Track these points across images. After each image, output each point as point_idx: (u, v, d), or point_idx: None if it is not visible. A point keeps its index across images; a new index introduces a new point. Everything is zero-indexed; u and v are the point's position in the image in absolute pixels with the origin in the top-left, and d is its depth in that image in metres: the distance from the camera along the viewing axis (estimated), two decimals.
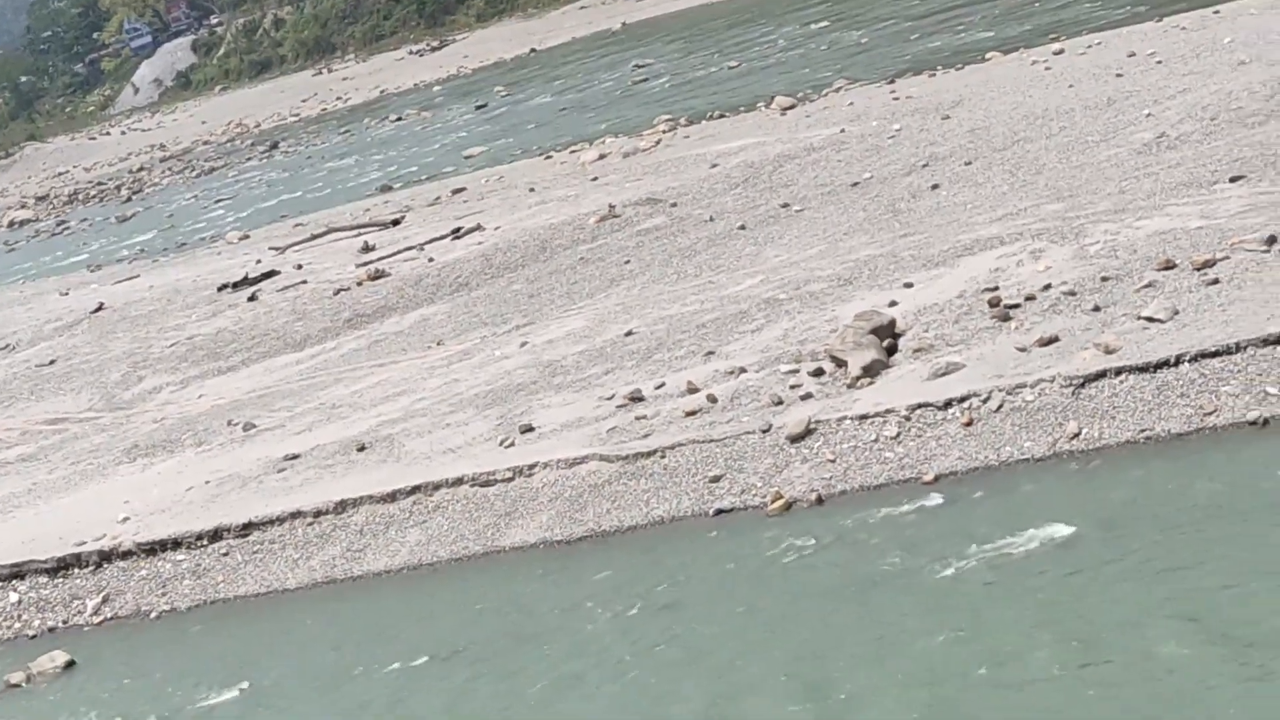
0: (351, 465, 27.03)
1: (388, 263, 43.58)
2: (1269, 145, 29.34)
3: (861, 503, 21.20)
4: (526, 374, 29.17)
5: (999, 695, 16.24)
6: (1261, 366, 20.71)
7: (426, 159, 75.73)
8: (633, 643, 19.61)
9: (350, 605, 23.27)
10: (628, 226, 39.93)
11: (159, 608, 24.72)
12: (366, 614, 22.83)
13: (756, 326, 27.76)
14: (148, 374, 38.68)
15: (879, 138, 41.81)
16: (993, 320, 24.61)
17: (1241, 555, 17.31)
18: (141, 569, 25.62)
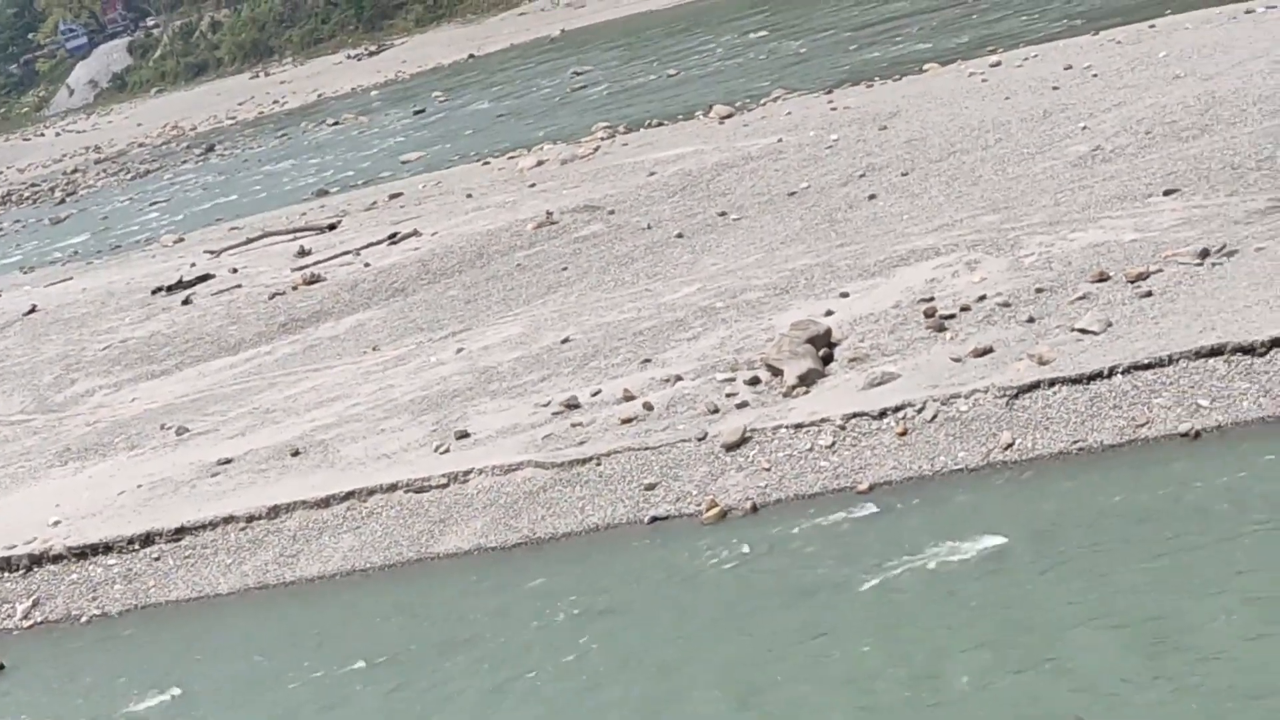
0: (285, 470, 26.91)
1: (324, 267, 43.40)
2: (1202, 159, 29.56)
3: (796, 511, 21.24)
4: (462, 380, 29.11)
5: (931, 702, 16.30)
6: (1194, 379, 20.85)
7: (363, 164, 75.50)
8: (567, 650, 19.58)
9: (283, 611, 23.15)
10: (565, 233, 39.90)
11: (90, 612, 24.54)
12: (299, 620, 22.73)
13: (693, 335, 27.78)
14: (80, 377, 38.42)
15: (816, 148, 41.91)
16: (928, 330, 24.70)
17: (1172, 565, 17.43)
18: (72, 573, 25.43)
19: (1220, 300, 22.61)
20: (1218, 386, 20.60)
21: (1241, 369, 20.70)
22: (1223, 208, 26.70)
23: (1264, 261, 23.64)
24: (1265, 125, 30.69)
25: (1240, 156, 28.99)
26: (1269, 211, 25.93)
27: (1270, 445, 19.36)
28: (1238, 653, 15.56)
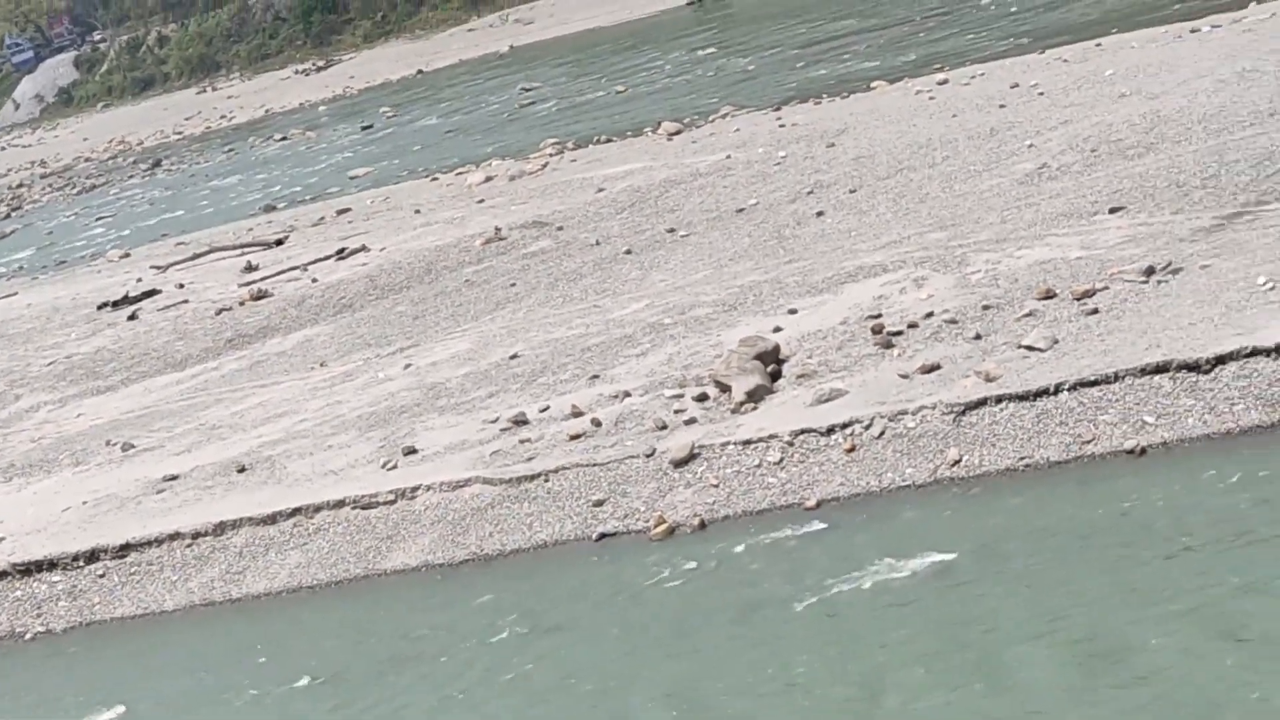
0: (231, 486, 26.79)
1: (271, 283, 43.26)
2: (1148, 177, 29.74)
3: (744, 528, 21.24)
4: (410, 396, 29.04)
5: (875, 717, 16.30)
6: (1139, 396, 20.95)
7: (311, 179, 75.30)
8: (514, 666, 19.54)
9: (229, 628, 23.04)
10: (514, 249, 39.87)
11: (34, 629, 24.38)
12: (245, 637, 22.61)
13: (642, 351, 27.78)
14: (25, 393, 38.18)
15: (765, 164, 41.99)
16: (876, 347, 24.76)
17: (1116, 582, 17.50)
18: (16, 590, 25.25)
19: (1165, 318, 22.73)
20: (1163, 403, 20.71)
21: (1187, 386, 20.82)
22: (1168, 226, 26.86)
23: (1208, 279, 23.78)
24: (1210, 144, 30.89)
25: (1185, 175, 29.16)
26: (1213, 229, 26.10)
27: (1215, 462, 19.47)
28: (1180, 669, 15.64)
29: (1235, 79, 35.74)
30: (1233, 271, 23.77)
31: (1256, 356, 20.79)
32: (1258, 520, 17.94)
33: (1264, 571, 16.85)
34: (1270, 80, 34.61)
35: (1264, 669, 15.23)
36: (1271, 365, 20.60)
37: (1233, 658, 15.56)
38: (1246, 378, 20.58)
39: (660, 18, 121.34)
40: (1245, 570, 16.99)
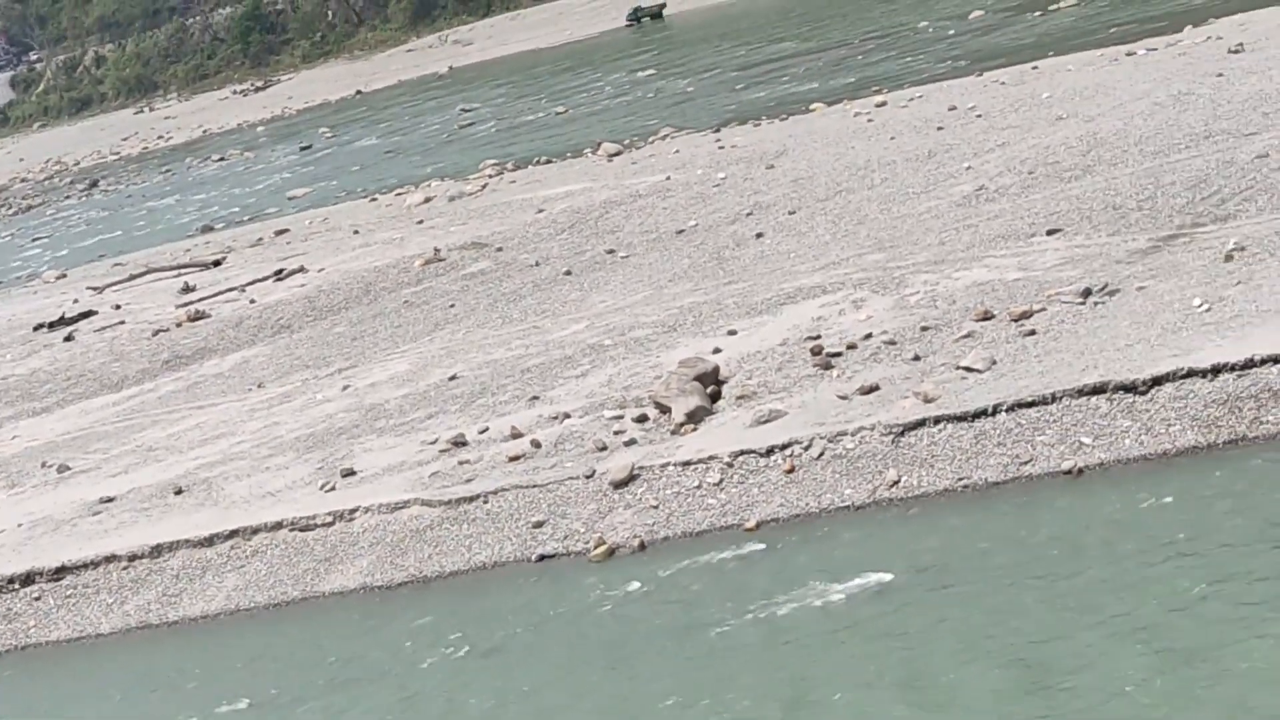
0: (168, 508, 26.63)
1: (208, 304, 43.07)
2: (1085, 199, 29.92)
3: (684, 549, 21.23)
4: (348, 417, 28.94)
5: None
6: (1076, 417, 21.04)
7: (249, 200, 75.07)
8: (454, 688, 19.47)
9: (166, 651, 22.89)
10: (453, 270, 39.81)
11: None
12: (182, 660, 22.46)
13: (581, 372, 27.77)
14: None
15: (704, 186, 42.07)
16: (815, 368, 24.81)
17: (1055, 602, 17.56)
18: None
19: (1102, 339, 22.86)
20: (1100, 424, 20.81)
21: (1124, 407, 20.93)
22: (1105, 247, 27.02)
23: (1145, 300, 23.93)
24: (1146, 166, 31.11)
25: (1122, 197, 29.36)
26: (1150, 251, 26.27)
27: (1151, 482, 19.57)
28: (1114, 689, 15.70)
29: (1171, 102, 36.03)
30: (1169, 293, 23.93)
31: (1192, 378, 20.92)
32: (1192, 541, 18.04)
33: (1198, 592, 16.94)
34: (1205, 103, 34.90)
35: (1197, 690, 15.30)
36: (1207, 386, 20.74)
37: (1165, 677, 15.63)
38: (1183, 399, 20.70)
39: (599, 39, 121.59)
40: (1179, 591, 17.07)
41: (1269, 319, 21.82)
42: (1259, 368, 20.69)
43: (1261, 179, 28.22)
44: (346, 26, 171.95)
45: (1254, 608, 16.34)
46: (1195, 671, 15.56)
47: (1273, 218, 26.25)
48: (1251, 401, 20.31)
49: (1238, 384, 20.61)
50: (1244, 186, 28.15)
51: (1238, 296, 22.99)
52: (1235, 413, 20.26)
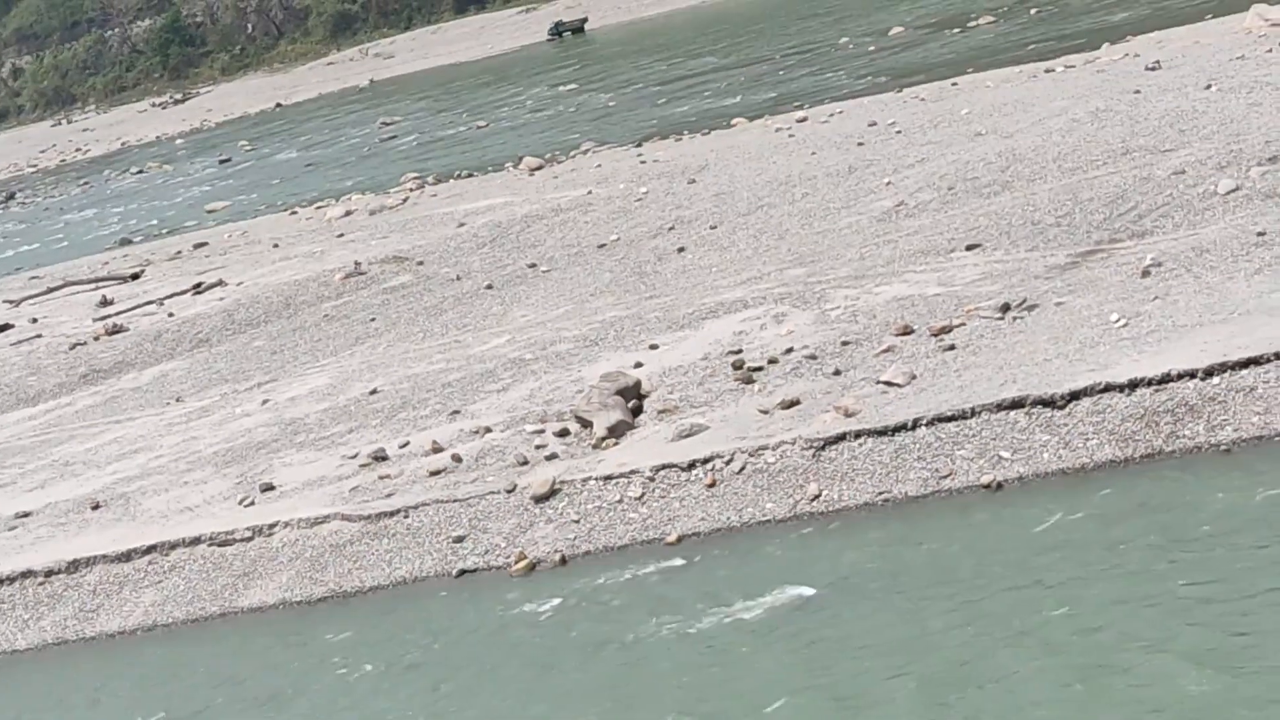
0: (86, 524, 26.41)
1: (126, 317, 42.74)
2: (1003, 215, 30.11)
3: (605, 563, 21.22)
4: (268, 432, 28.79)
5: None
6: (995, 431, 21.15)
7: (168, 213, 74.59)
8: (374, 704, 19.38)
9: (83, 667, 22.68)
10: (374, 284, 39.68)
11: None
12: (99, 676, 22.28)
13: (503, 386, 27.72)
14: None
15: (626, 200, 42.10)
16: (736, 383, 24.85)
17: (975, 614, 17.65)
18: None
19: (1021, 354, 23.00)
20: (1019, 439, 20.93)
21: (1042, 421, 21.05)
22: (1023, 263, 27.20)
23: (1063, 315, 24.10)
24: (1064, 182, 31.34)
25: (1040, 213, 29.57)
26: (1068, 267, 26.46)
27: (1069, 496, 19.69)
28: (1031, 702, 15.78)
29: (1089, 118, 36.32)
30: (1087, 308, 24.11)
31: (1110, 392, 21.07)
32: (1108, 555, 18.17)
33: (1111, 607, 17.07)
34: (1123, 120, 35.20)
35: (1107, 704, 15.41)
36: (1125, 401, 20.89)
37: (1077, 691, 15.73)
38: (1100, 413, 20.85)
39: (521, 53, 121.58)
40: (1093, 606, 17.19)
41: (1185, 334, 22.02)
42: (1175, 382, 20.86)
43: (1178, 195, 28.48)
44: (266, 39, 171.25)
45: (1165, 623, 16.48)
46: (1105, 686, 15.68)
47: (1189, 234, 26.51)
48: (1168, 416, 20.47)
49: (1154, 399, 20.78)
50: (1161, 203, 28.41)
51: (1154, 312, 23.19)
52: (1152, 427, 20.43)
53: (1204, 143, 31.44)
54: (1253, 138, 30.71)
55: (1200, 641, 16.00)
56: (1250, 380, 20.52)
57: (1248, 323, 21.80)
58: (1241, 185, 27.90)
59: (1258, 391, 20.34)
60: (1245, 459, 19.46)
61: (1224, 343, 21.33)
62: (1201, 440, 20.02)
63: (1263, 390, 20.32)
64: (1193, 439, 20.09)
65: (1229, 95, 34.92)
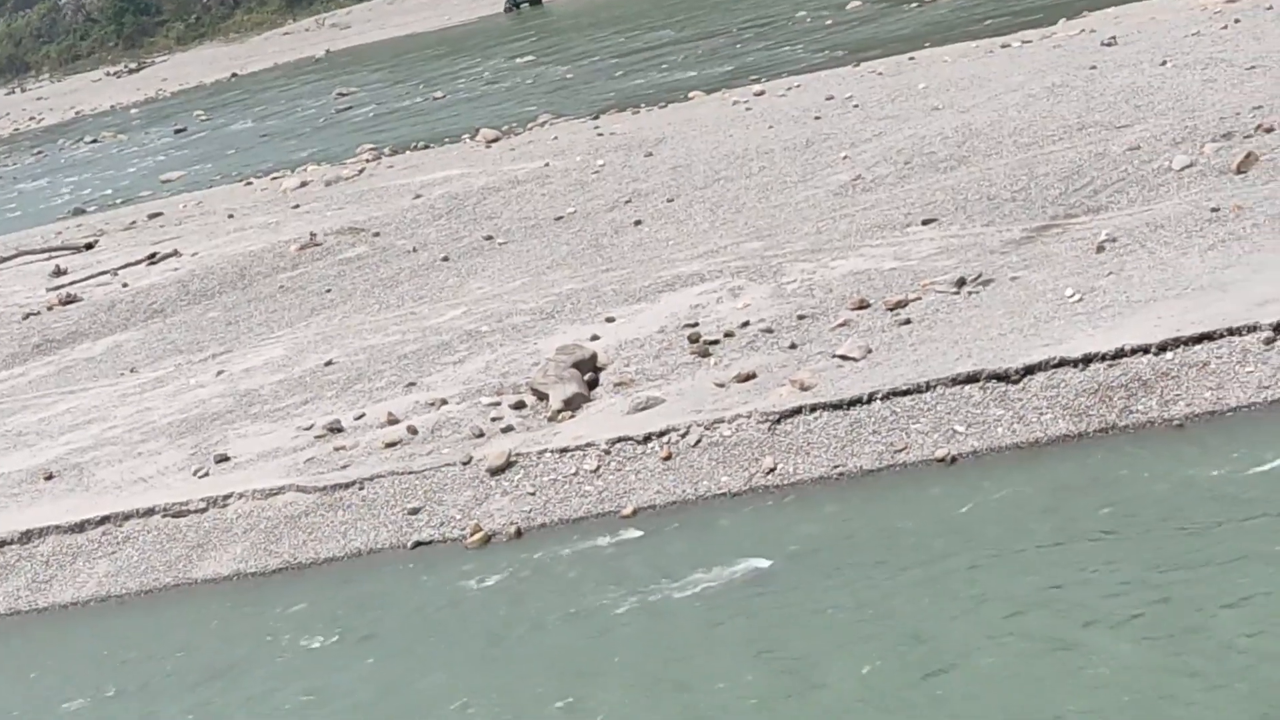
0: (39, 494, 26.31)
1: (80, 287, 42.52)
2: (960, 190, 30.17)
3: (561, 536, 21.25)
4: (222, 403, 28.70)
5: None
6: (950, 405, 21.23)
7: (122, 182, 74.18)
8: (327, 674, 19.39)
9: (35, 638, 22.63)
10: (329, 255, 39.55)
11: None
12: (52, 647, 22.22)
13: (459, 358, 27.69)
14: None
15: (583, 173, 42.05)
16: (692, 356, 24.88)
17: (930, 587, 17.74)
18: None
19: (976, 328, 23.08)
20: (973, 413, 21.01)
21: (996, 396, 21.14)
22: (979, 237, 27.28)
23: (1018, 290, 24.19)
24: (1020, 157, 31.42)
25: (996, 187, 29.64)
26: (1024, 241, 26.55)
27: (1022, 470, 19.80)
28: (986, 676, 15.88)
29: (1045, 94, 36.40)
30: (1042, 283, 24.19)
31: (1064, 367, 21.16)
32: (1061, 529, 18.28)
33: (1063, 581, 17.18)
34: (1079, 95, 35.30)
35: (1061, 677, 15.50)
36: (1078, 376, 20.99)
37: (1030, 665, 15.81)
38: (1055, 388, 20.94)
39: (478, 24, 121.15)
40: (1045, 580, 17.30)
41: (1139, 309, 22.13)
42: (1129, 357, 20.97)
43: (1133, 171, 28.59)
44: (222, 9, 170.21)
45: (1117, 597, 16.58)
46: (1058, 658, 15.78)
47: (1143, 209, 26.61)
48: (1122, 391, 20.58)
49: (1108, 373, 20.88)
50: (1116, 178, 28.51)
51: (1109, 287, 23.28)
52: (1106, 402, 20.53)
53: (1159, 119, 31.56)
54: (1207, 114, 30.84)
55: (1150, 615, 16.11)
56: (1203, 355, 20.64)
57: (1201, 298, 21.91)
58: (1195, 161, 28.02)
59: (1210, 367, 20.46)
60: (1197, 434, 19.59)
61: (1177, 318, 21.44)
62: (1154, 415, 20.13)
63: (1215, 365, 20.44)
64: (1146, 414, 20.19)
65: (1184, 71, 35.05)
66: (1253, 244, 23.44)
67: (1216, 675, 14.94)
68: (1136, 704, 14.77)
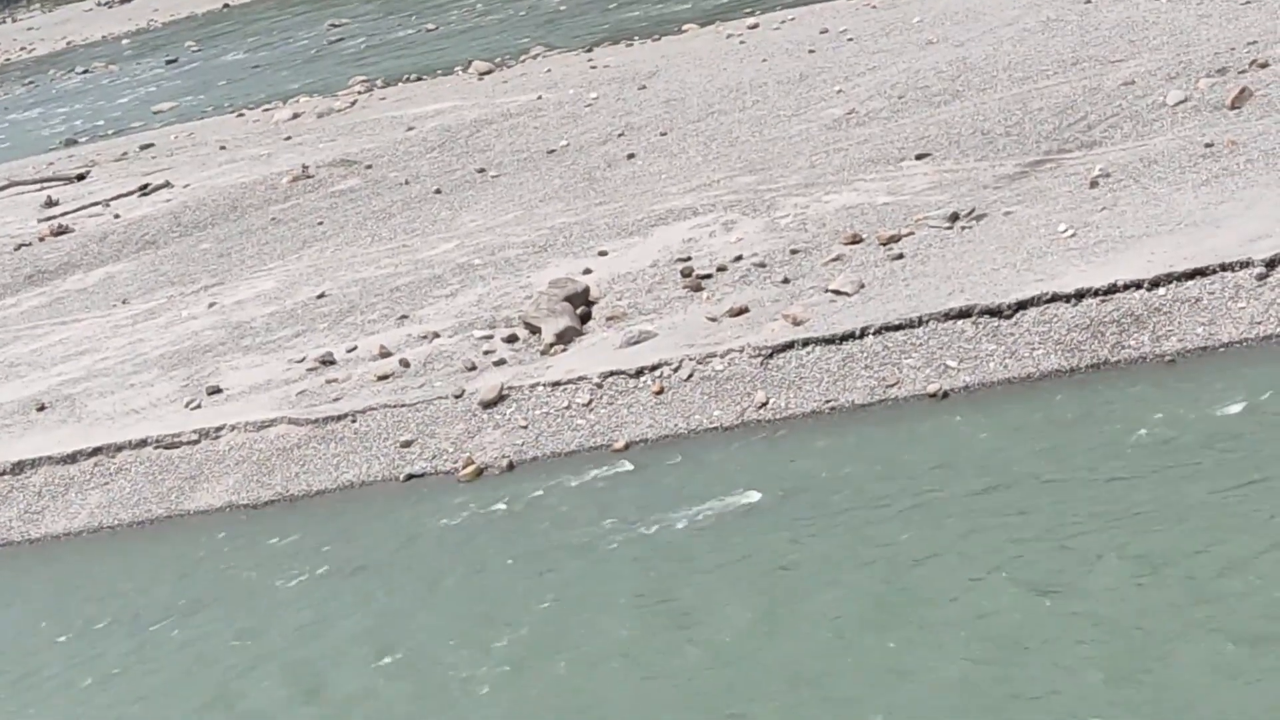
0: (31, 425, 26.32)
1: (72, 218, 42.44)
2: (953, 124, 30.11)
3: (553, 469, 21.29)
4: (215, 335, 28.69)
5: (691, 656, 16.43)
6: (942, 340, 21.24)
7: (114, 113, 73.86)
8: (321, 606, 19.44)
9: (27, 569, 22.69)
10: (321, 187, 39.47)
11: None
12: (44, 578, 22.29)
13: (451, 291, 27.67)
14: None
15: (576, 106, 41.93)
16: (685, 290, 24.87)
17: (920, 522, 17.78)
18: None
19: (969, 263, 23.06)
20: (965, 348, 21.03)
21: (988, 331, 21.15)
22: (973, 172, 27.24)
23: (1011, 225, 24.16)
24: (1014, 92, 31.35)
25: (990, 122, 29.58)
26: (1017, 176, 26.51)
27: (1014, 406, 19.82)
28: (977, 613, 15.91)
29: (1040, 28, 36.29)
30: (1035, 218, 24.17)
31: (1057, 302, 21.17)
32: (1053, 466, 18.31)
33: (1056, 517, 17.20)
34: (1073, 30, 35.20)
35: (1055, 615, 15.55)
36: (1071, 311, 20.99)
37: (1023, 602, 15.83)
38: (1047, 323, 20.95)
39: None
40: (1038, 516, 17.32)
41: (1132, 244, 22.11)
42: (1122, 293, 20.97)
43: (1127, 106, 28.52)
44: None
45: (1111, 533, 16.62)
46: (1047, 595, 15.82)
47: (1137, 145, 26.56)
48: (1114, 326, 20.59)
49: (1101, 309, 20.89)
50: (1110, 113, 28.44)
51: (1102, 222, 23.26)
52: (1098, 337, 20.54)
53: (1153, 54, 31.47)
54: (1201, 49, 30.75)
55: (1139, 549, 16.15)
56: (1195, 291, 20.65)
57: (1194, 234, 21.90)
58: (1190, 97, 27.95)
59: (1203, 303, 20.47)
60: (1189, 370, 19.61)
61: (1170, 254, 21.43)
62: (1146, 351, 20.15)
63: (1208, 301, 20.45)
64: (1138, 349, 20.21)
65: (1179, 6, 34.93)
66: (1246, 179, 23.41)
67: (1202, 608, 15.00)
68: (1123, 637, 14.82)
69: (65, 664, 19.76)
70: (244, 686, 18.17)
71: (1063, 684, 14.45)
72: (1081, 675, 14.50)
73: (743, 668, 16.01)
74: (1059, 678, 14.56)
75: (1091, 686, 14.32)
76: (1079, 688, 14.35)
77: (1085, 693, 14.27)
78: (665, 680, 16.17)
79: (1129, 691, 14.18)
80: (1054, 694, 14.38)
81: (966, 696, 14.68)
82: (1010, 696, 14.55)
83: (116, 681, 19.08)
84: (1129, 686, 14.24)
